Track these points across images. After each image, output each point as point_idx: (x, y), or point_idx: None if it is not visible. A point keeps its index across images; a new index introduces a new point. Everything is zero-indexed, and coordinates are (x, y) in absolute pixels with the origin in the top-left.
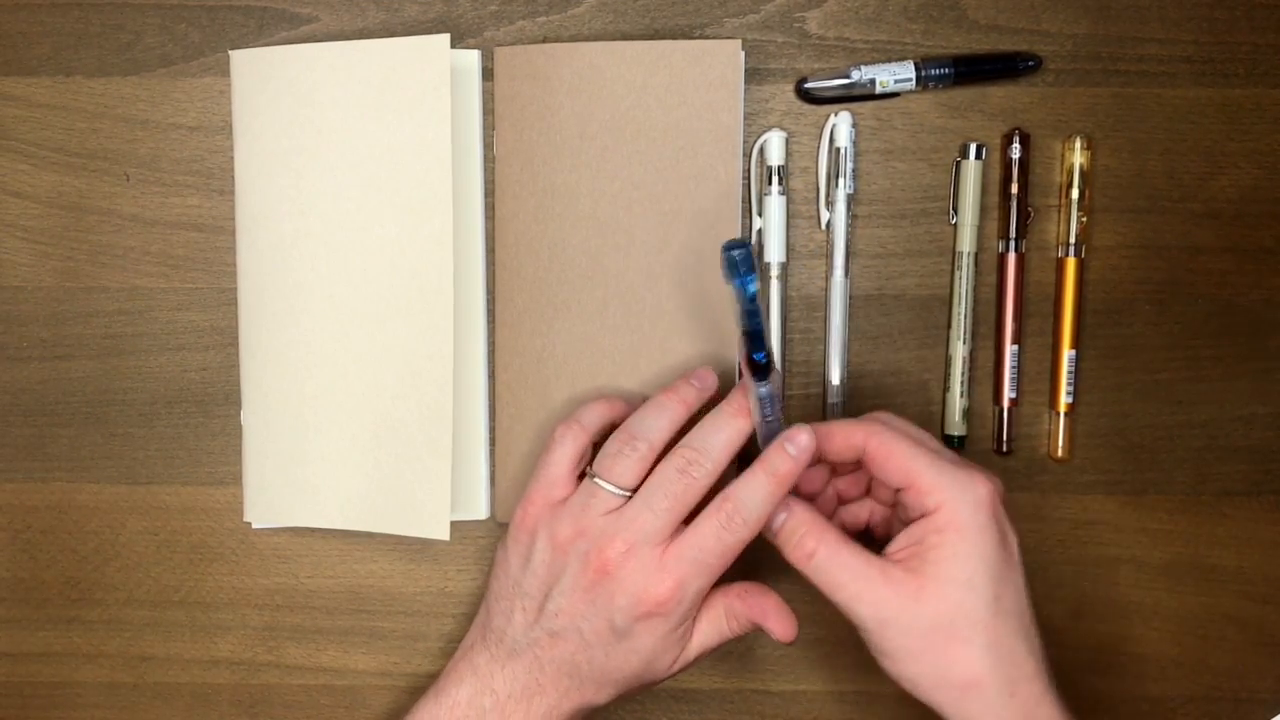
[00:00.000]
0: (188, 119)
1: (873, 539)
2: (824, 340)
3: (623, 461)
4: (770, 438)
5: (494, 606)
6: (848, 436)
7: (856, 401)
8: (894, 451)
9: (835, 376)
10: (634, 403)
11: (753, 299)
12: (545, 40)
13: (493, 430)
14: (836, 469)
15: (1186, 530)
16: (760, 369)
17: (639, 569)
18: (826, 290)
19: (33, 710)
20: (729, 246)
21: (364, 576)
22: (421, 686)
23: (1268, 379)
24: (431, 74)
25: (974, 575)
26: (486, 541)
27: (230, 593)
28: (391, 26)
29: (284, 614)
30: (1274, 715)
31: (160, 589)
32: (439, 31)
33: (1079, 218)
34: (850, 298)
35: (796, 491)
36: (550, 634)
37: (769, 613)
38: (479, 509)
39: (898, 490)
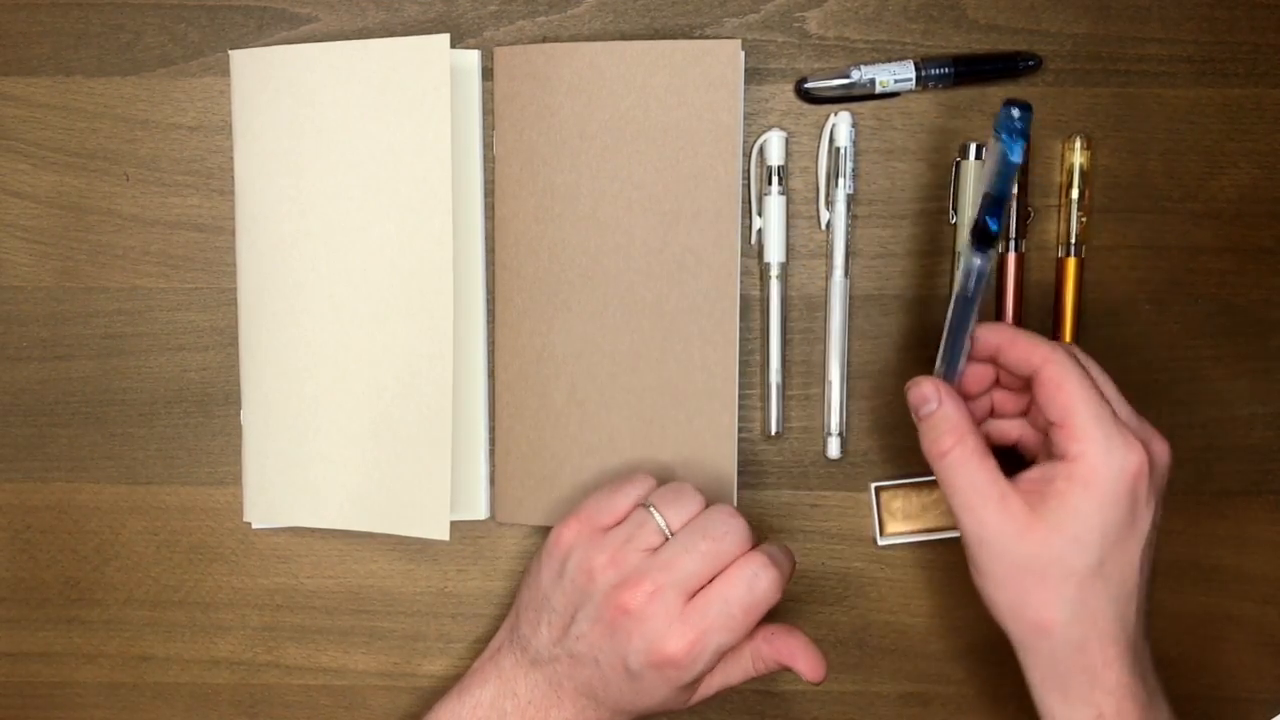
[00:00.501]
0: (187, 119)
1: (1017, 458)
2: (824, 340)
3: (682, 501)
4: (960, 316)
5: (523, 614)
6: (1029, 352)
7: (856, 401)
8: (1064, 384)
9: (835, 376)
10: None
11: (1012, 165)
12: (545, 40)
13: (492, 430)
14: (1001, 379)
15: (1186, 530)
16: (987, 237)
17: (660, 614)
18: (826, 290)
19: (33, 710)
20: (1011, 103)
21: (364, 576)
22: (421, 686)
23: (1268, 379)
24: (431, 74)
25: (1085, 535)
26: (486, 542)
27: (230, 593)
28: (391, 26)
29: (284, 614)
30: (1274, 715)
31: (160, 589)
32: (439, 31)
33: (1079, 218)
34: (850, 298)
35: (958, 388)
36: (571, 655)
37: (797, 654)
38: (479, 509)
39: (1051, 423)
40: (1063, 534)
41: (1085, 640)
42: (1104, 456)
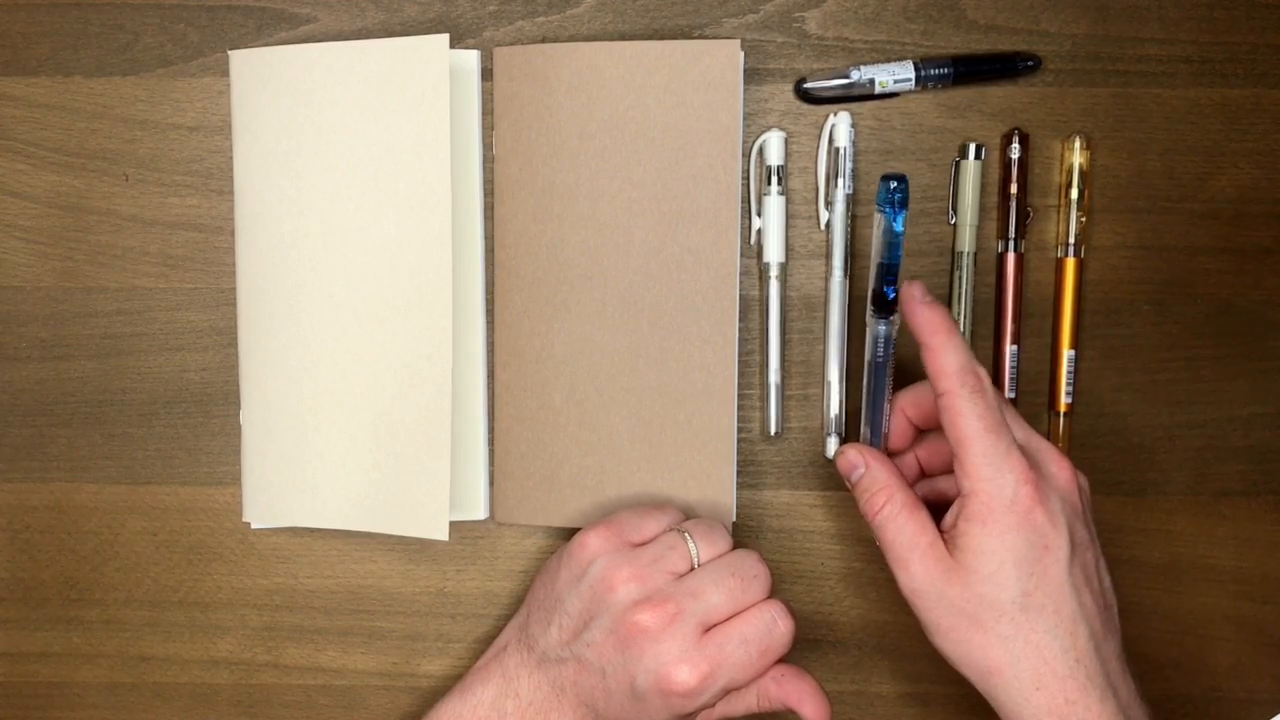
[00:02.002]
0: (186, 119)
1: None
2: (824, 340)
3: (714, 536)
4: (875, 381)
5: (534, 613)
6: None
7: (856, 401)
8: (958, 418)
9: (834, 376)
10: None
11: (898, 234)
12: (544, 40)
13: (492, 430)
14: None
15: (1185, 530)
16: (885, 304)
17: (676, 640)
18: (826, 290)
19: (32, 710)
20: (888, 177)
21: (363, 576)
22: (420, 686)
23: (1267, 379)
24: (430, 74)
25: (998, 571)
26: (485, 542)
27: (229, 593)
28: (390, 26)
29: (283, 614)
30: (1274, 715)
31: (159, 589)
32: (438, 31)
33: (1078, 218)
34: (850, 298)
35: (887, 449)
36: (579, 660)
37: (805, 699)
38: (478, 509)
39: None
40: (979, 573)
41: (1040, 679)
42: (993, 488)
